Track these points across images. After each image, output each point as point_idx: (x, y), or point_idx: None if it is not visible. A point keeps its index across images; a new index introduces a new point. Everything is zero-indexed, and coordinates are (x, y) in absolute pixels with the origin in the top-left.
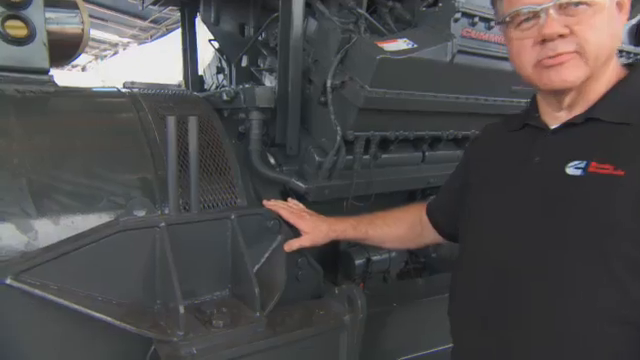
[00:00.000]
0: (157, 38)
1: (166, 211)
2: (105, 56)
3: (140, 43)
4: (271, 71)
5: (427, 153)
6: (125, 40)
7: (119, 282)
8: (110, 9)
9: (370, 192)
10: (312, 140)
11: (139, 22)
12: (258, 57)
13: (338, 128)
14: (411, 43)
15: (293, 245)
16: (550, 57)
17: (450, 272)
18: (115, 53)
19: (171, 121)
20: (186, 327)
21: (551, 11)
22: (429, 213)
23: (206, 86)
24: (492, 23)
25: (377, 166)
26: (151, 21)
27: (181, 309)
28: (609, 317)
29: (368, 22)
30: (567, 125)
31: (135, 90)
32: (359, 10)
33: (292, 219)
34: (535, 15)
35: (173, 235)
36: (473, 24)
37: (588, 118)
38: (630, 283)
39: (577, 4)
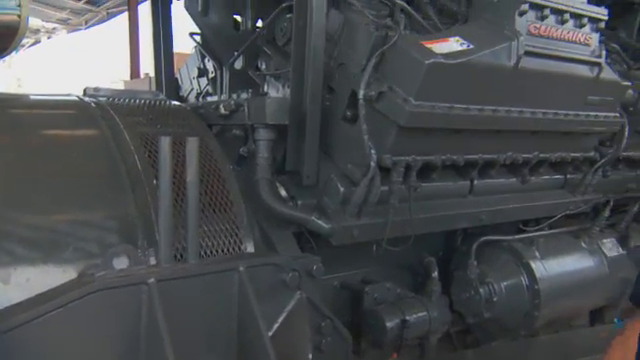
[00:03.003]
0: (94, 25)
1: (153, 261)
2: (22, 46)
3: (71, 30)
4: (277, 77)
5: (476, 181)
6: (50, 26)
7: None
8: None
9: (408, 233)
10: (334, 167)
11: (71, 2)
12: (258, 58)
13: (372, 152)
14: (465, 43)
15: None
16: None
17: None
18: (36, 42)
19: (165, 142)
20: None
21: None
22: None
23: (182, 92)
24: (566, 15)
25: (416, 199)
26: (87, 1)
27: None
28: None
29: (407, 15)
30: None
31: (102, 99)
32: (396, 0)
33: None
34: None
35: (166, 294)
36: (542, 17)
37: None
38: None
39: None
